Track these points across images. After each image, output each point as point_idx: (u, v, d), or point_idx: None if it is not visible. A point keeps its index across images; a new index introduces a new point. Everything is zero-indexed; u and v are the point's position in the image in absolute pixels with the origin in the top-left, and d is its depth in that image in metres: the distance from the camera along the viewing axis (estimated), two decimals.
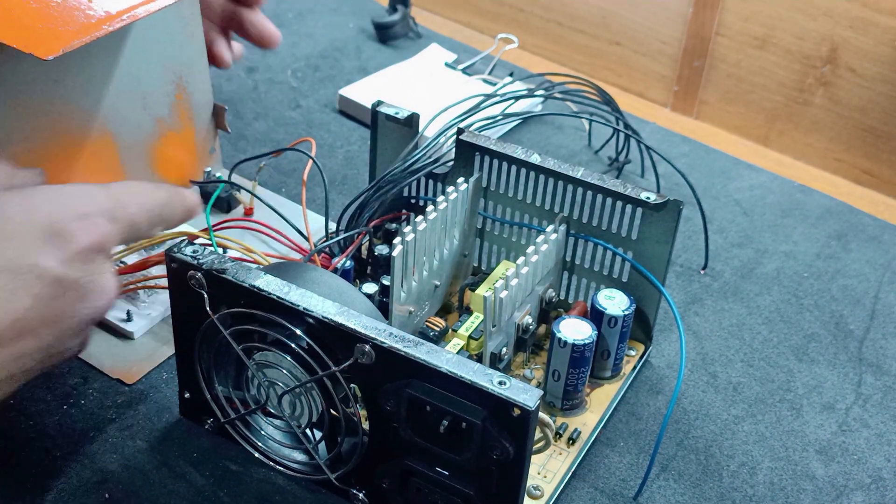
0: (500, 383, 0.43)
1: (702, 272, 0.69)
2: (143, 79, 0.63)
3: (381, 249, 0.60)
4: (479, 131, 0.62)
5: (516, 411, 0.42)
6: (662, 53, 1.01)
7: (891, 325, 0.66)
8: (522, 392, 0.42)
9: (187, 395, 0.53)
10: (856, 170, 0.94)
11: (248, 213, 0.69)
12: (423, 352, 0.44)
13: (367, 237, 0.61)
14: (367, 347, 0.45)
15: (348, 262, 0.59)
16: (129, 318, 0.59)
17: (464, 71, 0.89)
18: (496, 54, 0.89)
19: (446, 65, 0.90)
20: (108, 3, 0.52)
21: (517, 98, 0.72)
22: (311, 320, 0.46)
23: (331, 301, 0.46)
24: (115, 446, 0.53)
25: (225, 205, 0.69)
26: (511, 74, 0.89)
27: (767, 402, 0.59)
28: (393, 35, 0.96)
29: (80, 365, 0.57)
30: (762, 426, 0.58)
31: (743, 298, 0.67)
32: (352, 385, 0.47)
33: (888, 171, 0.93)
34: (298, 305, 0.46)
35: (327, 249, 0.61)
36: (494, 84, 0.86)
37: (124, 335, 0.59)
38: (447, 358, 0.44)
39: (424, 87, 0.86)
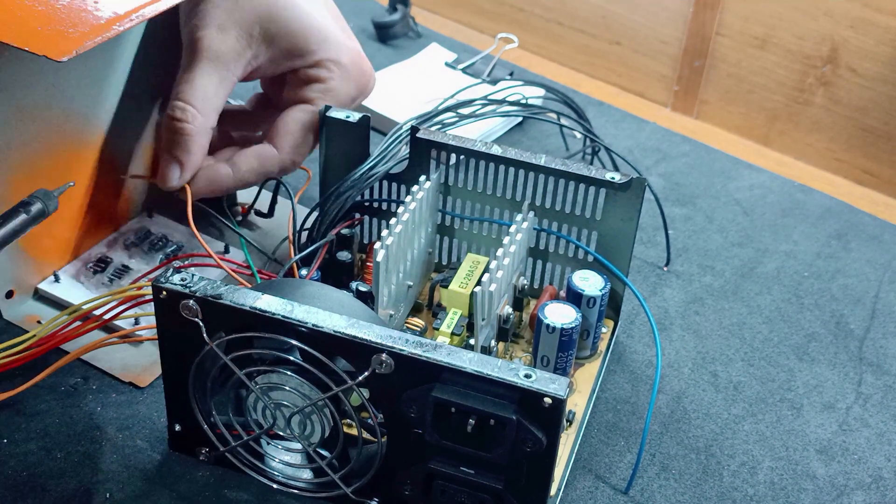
0: (527, 376, 0.43)
1: (664, 269, 0.70)
2: (137, 80, 0.63)
3: (343, 256, 0.60)
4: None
5: (548, 401, 0.43)
6: (662, 53, 1.01)
7: (891, 325, 0.66)
8: (550, 382, 0.43)
9: (178, 427, 0.52)
10: (856, 170, 0.94)
11: (244, 211, 0.69)
12: (444, 354, 0.44)
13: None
14: (385, 357, 0.44)
15: (316, 273, 0.58)
16: (137, 322, 0.59)
17: (464, 71, 0.89)
18: (496, 54, 0.89)
19: (446, 64, 0.90)
20: (115, 3, 0.51)
21: (466, 104, 0.71)
22: (319, 336, 0.45)
23: (337, 314, 0.46)
24: (115, 446, 0.53)
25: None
26: (511, 74, 0.89)
27: (768, 402, 0.59)
28: (393, 35, 0.96)
29: (80, 365, 0.57)
30: (762, 426, 0.58)
31: (743, 298, 0.67)
32: (367, 395, 0.47)
33: (888, 171, 0.93)
34: (306, 323, 0.45)
35: (296, 263, 0.59)
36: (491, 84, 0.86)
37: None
38: (469, 357, 0.44)
39: (424, 87, 0.86)
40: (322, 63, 0.62)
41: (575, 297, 0.57)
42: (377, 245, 0.54)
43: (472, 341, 0.54)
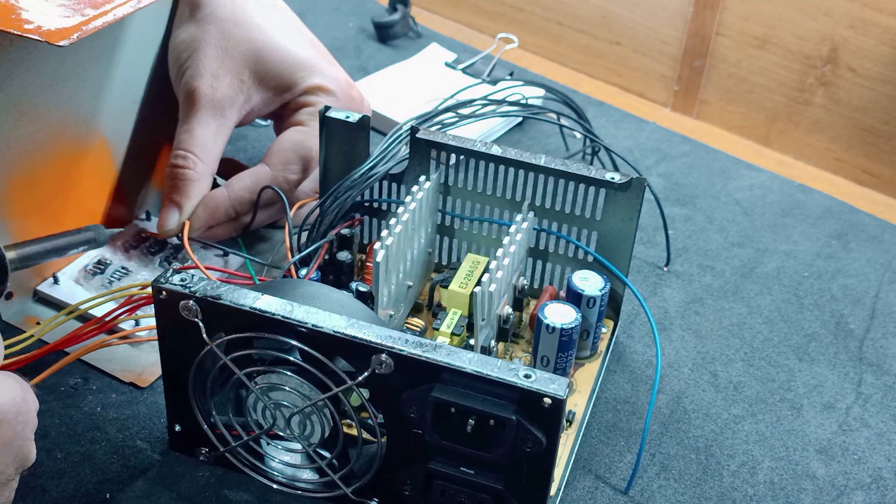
0: (527, 376, 0.43)
1: (664, 269, 0.70)
2: (135, 83, 0.63)
3: (343, 256, 0.59)
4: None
5: (547, 401, 0.43)
6: (662, 53, 1.01)
7: (891, 325, 0.66)
8: (550, 382, 0.43)
9: (178, 427, 0.52)
10: (856, 170, 0.94)
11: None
12: (444, 354, 0.44)
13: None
14: (385, 357, 0.44)
15: (315, 273, 0.58)
16: (137, 323, 0.59)
17: (464, 71, 0.89)
18: (496, 54, 0.89)
19: (446, 64, 0.90)
20: None
21: (466, 104, 0.71)
22: (319, 336, 0.45)
23: (337, 315, 0.46)
24: (115, 447, 0.53)
25: None
26: (511, 74, 0.89)
27: (768, 402, 0.59)
28: (393, 35, 0.96)
29: (80, 366, 0.57)
30: (762, 426, 0.58)
31: (743, 298, 0.67)
32: (366, 396, 0.47)
33: (888, 171, 0.93)
34: (306, 323, 0.45)
35: (294, 263, 0.59)
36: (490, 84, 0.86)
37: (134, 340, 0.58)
38: (469, 358, 0.44)
39: (424, 87, 0.86)
40: (310, 90, 0.66)
41: (575, 297, 0.57)
42: (377, 245, 0.54)
43: (472, 341, 0.54)
